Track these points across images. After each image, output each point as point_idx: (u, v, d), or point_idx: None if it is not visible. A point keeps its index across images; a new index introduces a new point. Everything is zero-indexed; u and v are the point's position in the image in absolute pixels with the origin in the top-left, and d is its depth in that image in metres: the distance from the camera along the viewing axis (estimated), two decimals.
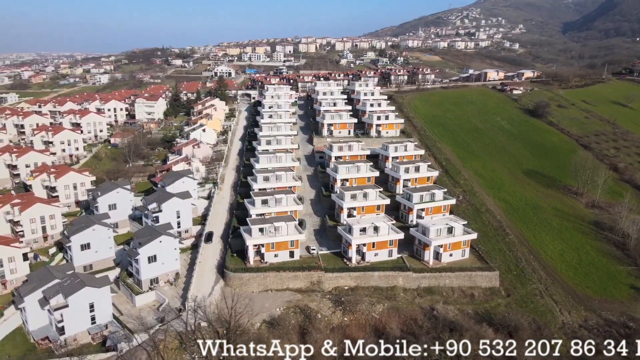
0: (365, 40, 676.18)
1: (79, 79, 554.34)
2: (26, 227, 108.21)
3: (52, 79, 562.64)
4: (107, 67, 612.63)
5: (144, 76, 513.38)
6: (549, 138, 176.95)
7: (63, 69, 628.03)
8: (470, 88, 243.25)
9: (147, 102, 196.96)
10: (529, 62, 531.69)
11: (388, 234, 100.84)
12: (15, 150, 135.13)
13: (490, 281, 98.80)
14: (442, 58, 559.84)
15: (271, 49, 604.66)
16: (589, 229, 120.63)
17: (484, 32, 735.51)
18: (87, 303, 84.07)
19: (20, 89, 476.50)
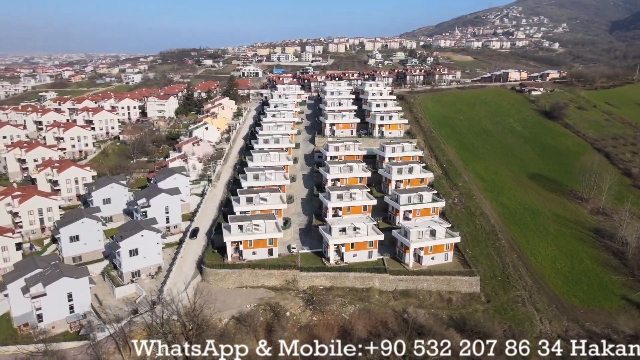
0: (396, 40, 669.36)
1: (115, 78, 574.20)
2: (24, 218, 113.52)
3: (90, 79, 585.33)
4: (142, 67, 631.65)
5: (174, 76, 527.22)
6: (561, 141, 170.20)
7: (101, 68, 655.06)
8: (487, 89, 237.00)
9: (159, 101, 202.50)
10: (567, 63, 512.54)
11: (367, 235, 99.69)
12: (25, 146, 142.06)
13: (470, 286, 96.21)
14: (474, 58, 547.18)
15: (301, 49, 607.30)
16: (588, 236, 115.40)
17: (523, 32, 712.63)
18: (65, 292, 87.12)
19: (59, 87, 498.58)
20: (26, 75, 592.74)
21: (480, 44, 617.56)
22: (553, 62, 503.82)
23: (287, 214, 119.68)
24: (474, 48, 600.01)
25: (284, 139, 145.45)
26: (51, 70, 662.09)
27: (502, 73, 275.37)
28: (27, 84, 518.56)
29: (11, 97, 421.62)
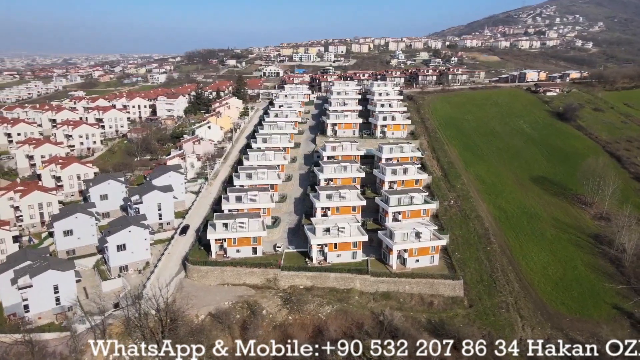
0: (421, 40, 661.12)
1: (141, 78, 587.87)
2: (25, 212, 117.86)
3: (118, 78, 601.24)
4: (168, 67, 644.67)
5: (197, 75, 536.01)
6: (571, 143, 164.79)
7: (129, 69, 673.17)
8: (501, 89, 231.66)
9: (168, 100, 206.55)
10: (600, 63, 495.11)
11: (351, 236, 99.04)
12: (34, 142, 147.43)
13: (453, 290, 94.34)
14: (501, 58, 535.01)
15: (324, 49, 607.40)
16: (586, 242, 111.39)
17: (556, 31, 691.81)
18: (51, 285, 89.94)
19: (88, 87, 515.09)
20: (58, 75, 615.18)
21: (508, 43, 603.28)
22: (584, 62, 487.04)
23: (279, 213, 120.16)
24: (501, 48, 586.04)
25: (282, 138, 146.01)
26: (83, 71, 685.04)
27: (520, 73, 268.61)
28: (58, 84, 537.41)
29: (43, 96, 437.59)
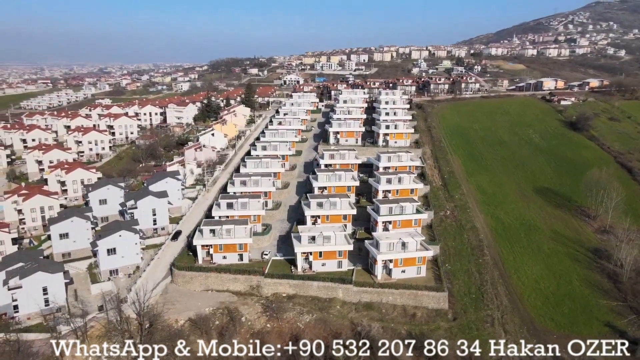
0: (445, 48, 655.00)
1: (166, 86, 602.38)
2: (27, 215, 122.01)
3: (145, 87, 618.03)
4: (192, 76, 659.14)
5: (219, 84, 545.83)
6: (582, 153, 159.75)
7: (155, 77, 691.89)
8: (514, 98, 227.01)
9: (177, 108, 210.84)
10: (632, 71, 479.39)
11: (335, 244, 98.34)
12: (44, 148, 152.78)
13: (437, 302, 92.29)
14: (527, 66, 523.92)
15: (347, 58, 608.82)
16: (584, 256, 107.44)
17: (588, 38, 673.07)
18: (40, 286, 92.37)
19: (116, 95, 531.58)
20: (89, 84, 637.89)
21: (535, 51, 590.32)
22: (615, 71, 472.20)
23: (273, 220, 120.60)
24: (528, 56, 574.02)
25: (281, 146, 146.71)
26: (112, 79, 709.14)
27: (537, 82, 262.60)
28: (87, 92, 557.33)
29: (72, 104, 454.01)
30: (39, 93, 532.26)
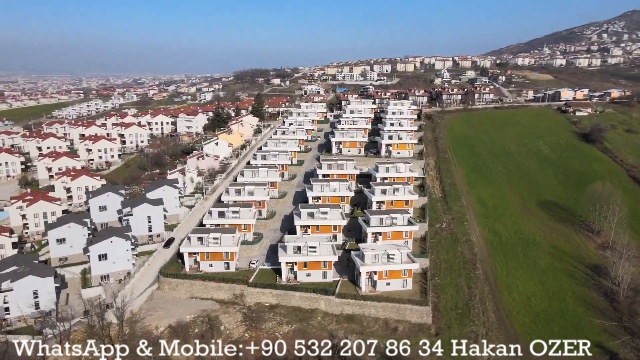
0: (470, 58, 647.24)
1: (191, 96, 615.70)
2: (30, 220, 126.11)
3: (170, 97, 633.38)
4: (216, 86, 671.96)
5: (241, 94, 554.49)
6: (592, 166, 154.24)
7: (181, 88, 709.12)
8: (528, 109, 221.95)
9: (187, 117, 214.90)
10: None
11: (320, 255, 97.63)
12: (54, 156, 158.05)
13: (420, 317, 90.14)
14: (554, 77, 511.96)
15: (370, 68, 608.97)
16: (582, 273, 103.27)
17: (622, 48, 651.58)
18: (31, 290, 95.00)
19: (142, 105, 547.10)
20: (118, 94, 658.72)
21: (564, 61, 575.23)
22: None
23: (266, 229, 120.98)
24: (556, 66, 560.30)
25: (281, 155, 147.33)
26: (141, 90, 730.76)
27: (555, 92, 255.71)
28: (116, 102, 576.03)
29: (100, 113, 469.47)
30: (71, 103, 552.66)
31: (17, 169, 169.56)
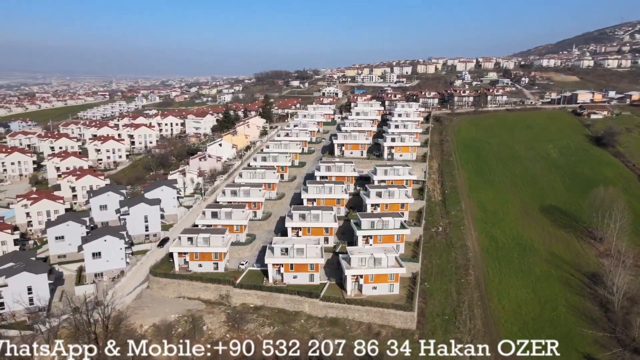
0: (493, 60, 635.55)
1: (211, 98, 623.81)
2: (34, 218, 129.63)
3: (192, 98, 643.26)
4: (237, 88, 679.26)
5: (260, 96, 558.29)
6: (601, 171, 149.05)
7: (203, 89, 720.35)
8: (542, 111, 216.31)
9: (195, 119, 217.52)
10: None
11: (306, 257, 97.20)
12: (62, 155, 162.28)
13: (405, 322, 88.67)
14: (580, 78, 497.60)
15: (390, 70, 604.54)
16: (578, 282, 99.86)
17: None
18: (25, 286, 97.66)
19: (164, 106, 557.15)
20: (142, 96, 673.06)
21: (592, 62, 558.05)
22: None
23: (260, 230, 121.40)
24: (583, 67, 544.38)
25: (281, 157, 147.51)
26: (164, 91, 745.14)
27: (572, 94, 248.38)
28: (139, 103, 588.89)
29: (123, 114, 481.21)
30: (96, 104, 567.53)
31: (29, 168, 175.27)
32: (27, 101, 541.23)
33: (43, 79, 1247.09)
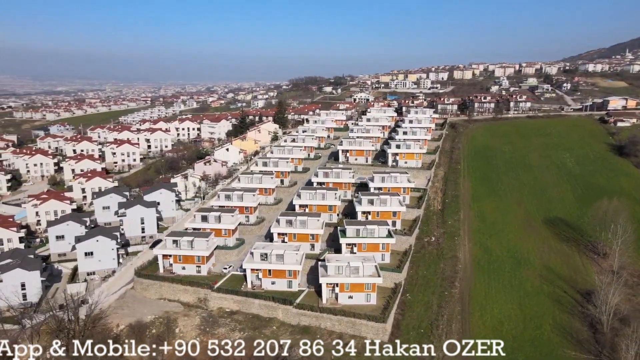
0: (535, 65, 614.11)
1: (245, 103, 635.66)
2: (42, 217, 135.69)
3: (227, 104, 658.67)
4: (271, 94, 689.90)
5: (292, 101, 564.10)
6: (619, 182, 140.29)
7: (239, 95, 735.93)
8: (565, 118, 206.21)
9: (210, 124, 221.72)
10: None
11: (284, 264, 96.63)
12: (78, 158, 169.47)
13: (376, 333, 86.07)
14: (629, 84, 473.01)
15: (426, 76, 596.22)
16: (570, 299, 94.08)
17: None
18: (18, 282, 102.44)
19: (200, 111, 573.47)
20: (181, 101, 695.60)
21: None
22: None
23: (251, 235, 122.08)
24: (634, 72, 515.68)
25: (281, 162, 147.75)
26: (202, 97, 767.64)
27: (603, 100, 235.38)
28: (176, 108, 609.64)
29: (162, 118, 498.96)
30: (137, 109, 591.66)
31: (50, 169, 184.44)
32: (74, 107, 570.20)
33: (99, 85, 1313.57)
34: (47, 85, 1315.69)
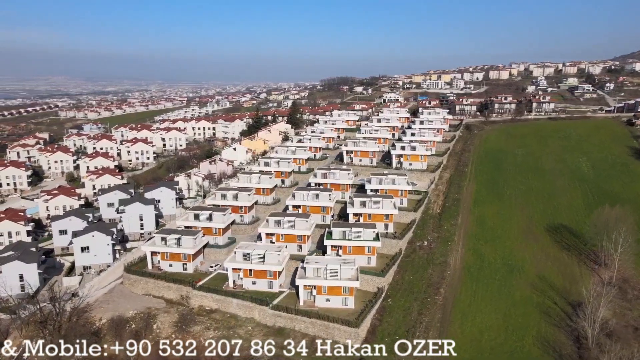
0: (578, 64, 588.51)
1: (277, 103, 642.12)
2: (52, 212, 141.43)
3: (259, 104, 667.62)
4: (303, 94, 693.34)
5: (322, 101, 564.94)
6: (634, 189, 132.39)
7: (271, 95, 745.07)
8: (589, 120, 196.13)
9: (224, 123, 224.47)
10: None
11: (264, 264, 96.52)
12: (92, 156, 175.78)
13: (349, 338, 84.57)
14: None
15: (460, 76, 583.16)
16: (560, 311, 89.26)
17: None
18: (17, 273, 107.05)
19: (233, 111, 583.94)
20: (215, 101, 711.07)
21: None
22: None
23: (245, 234, 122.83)
24: None
25: (283, 163, 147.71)
26: (237, 97, 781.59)
27: (635, 102, 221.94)
28: (209, 108, 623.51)
29: (195, 117, 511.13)
30: (172, 109, 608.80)
31: (69, 166, 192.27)
32: (115, 106, 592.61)
33: (145, 85, 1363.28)
34: (98, 85, 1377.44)
